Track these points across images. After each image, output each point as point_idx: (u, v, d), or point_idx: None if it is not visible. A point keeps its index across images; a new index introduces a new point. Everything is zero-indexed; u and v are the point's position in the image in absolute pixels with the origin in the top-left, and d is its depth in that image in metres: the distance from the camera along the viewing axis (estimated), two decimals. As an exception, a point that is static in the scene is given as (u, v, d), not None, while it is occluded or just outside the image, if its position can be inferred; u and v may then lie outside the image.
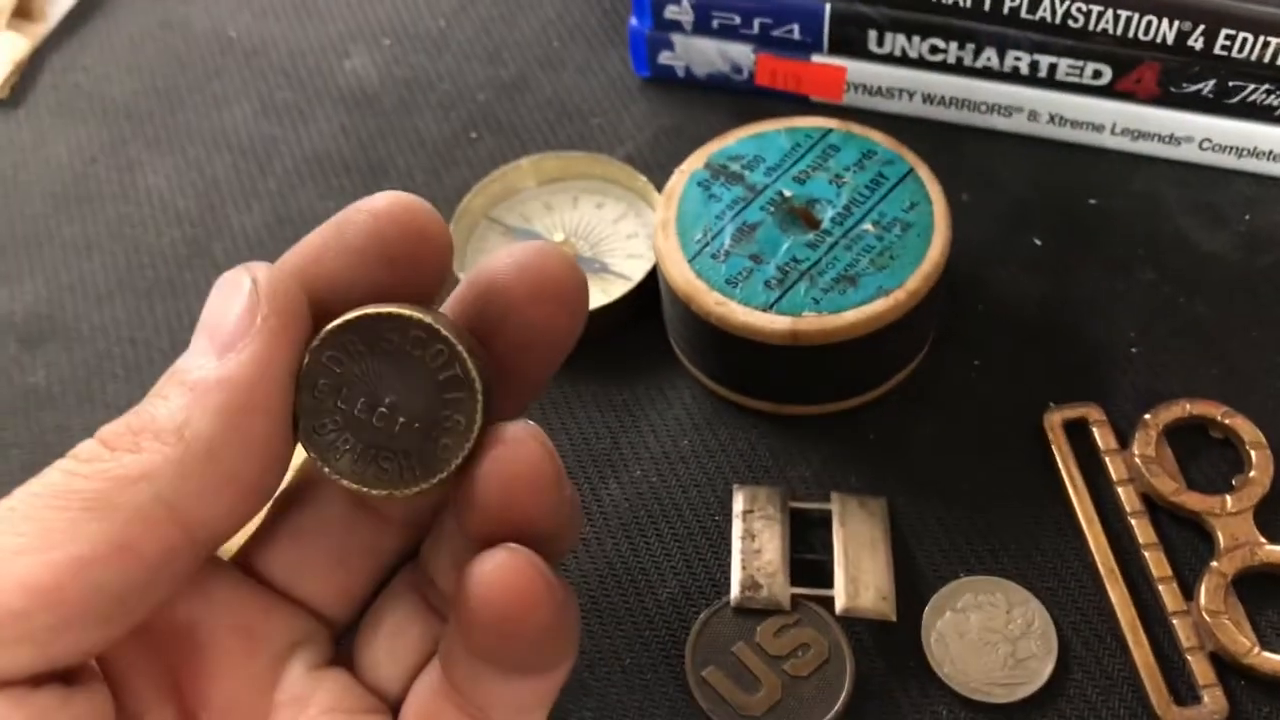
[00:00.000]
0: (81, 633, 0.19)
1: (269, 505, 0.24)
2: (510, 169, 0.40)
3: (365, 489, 0.21)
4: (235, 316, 0.20)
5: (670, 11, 0.41)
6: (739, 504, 0.32)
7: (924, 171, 0.34)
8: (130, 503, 0.19)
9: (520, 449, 0.20)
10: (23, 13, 0.49)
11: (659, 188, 0.38)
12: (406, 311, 0.20)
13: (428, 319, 0.20)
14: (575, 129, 0.43)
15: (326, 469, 0.21)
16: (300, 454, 0.24)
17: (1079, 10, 0.36)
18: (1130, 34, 0.36)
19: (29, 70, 0.48)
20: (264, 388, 0.20)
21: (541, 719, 0.23)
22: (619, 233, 0.39)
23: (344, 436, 0.21)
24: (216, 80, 0.46)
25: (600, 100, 0.44)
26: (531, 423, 0.21)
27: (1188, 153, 0.39)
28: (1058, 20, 0.36)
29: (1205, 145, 0.38)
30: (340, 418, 0.21)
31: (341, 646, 0.25)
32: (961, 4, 0.37)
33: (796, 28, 0.40)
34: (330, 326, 0.20)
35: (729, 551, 0.32)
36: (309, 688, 0.23)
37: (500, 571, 0.20)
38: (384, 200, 0.21)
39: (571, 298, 0.22)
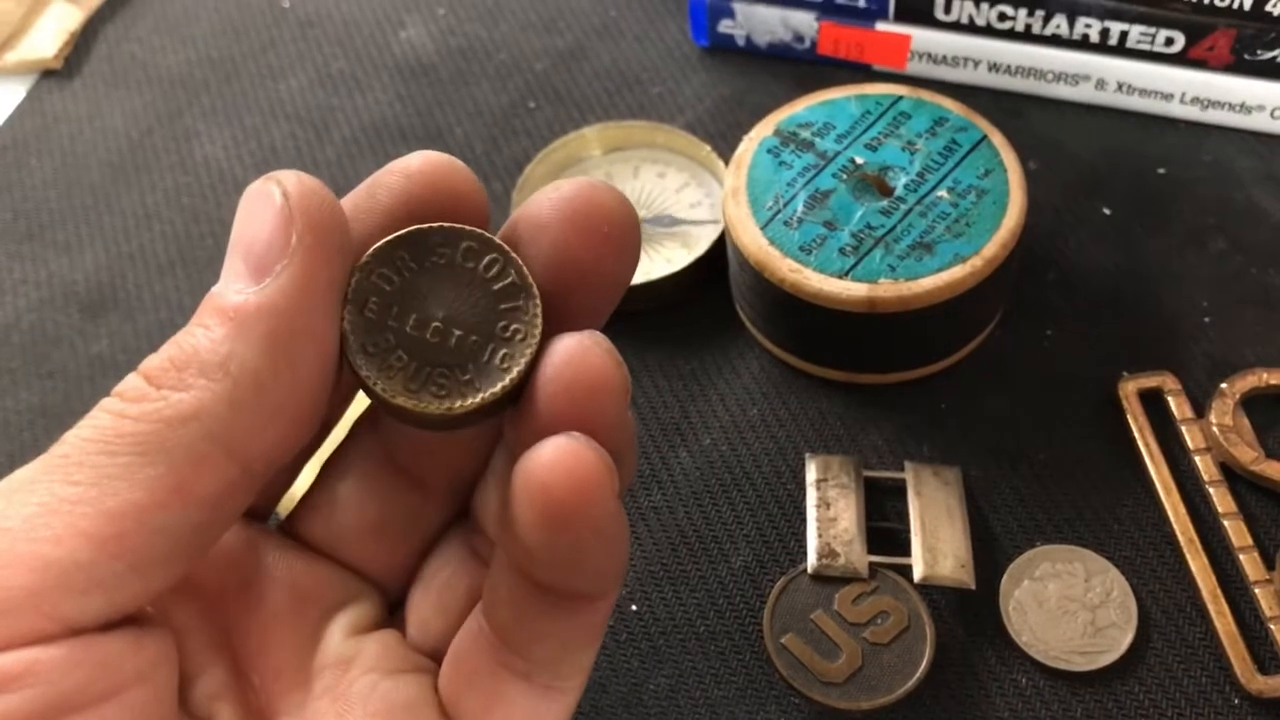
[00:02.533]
0: (148, 577, 0.19)
1: (314, 474, 0.24)
2: (573, 138, 0.39)
3: (420, 407, 0.20)
4: (268, 234, 0.19)
5: (733, -21, 0.41)
6: (812, 473, 0.32)
7: (998, 139, 0.34)
8: (183, 444, 0.18)
9: (586, 355, 0.19)
10: (75, -17, 0.49)
11: (721, 157, 0.38)
12: (457, 224, 0.20)
13: (479, 231, 0.20)
14: (634, 98, 0.43)
15: (379, 388, 0.20)
16: (348, 417, 0.24)
17: (1155, -25, 0.36)
18: (1206, 0, 0.36)
19: (83, 41, 0.47)
20: (308, 312, 0.19)
21: (584, 666, 0.22)
22: (682, 202, 0.39)
23: (397, 355, 0.20)
24: (271, 50, 0.46)
25: (659, 69, 0.43)
26: (598, 332, 0.20)
27: (1259, 121, 0.38)
28: (1132, -14, 0.36)
29: (1277, 114, 0.38)
30: (393, 336, 0.20)
31: (399, 613, 0.24)
32: (1033, -31, 0.37)
33: (862, -5, 0.39)
34: (379, 244, 0.20)
35: (802, 520, 0.32)
36: (353, 649, 0.23)
37: (562, 454, 0.18)
38: (417, 160, 0.21)
39: (621, 232, 0.21)
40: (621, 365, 0.20)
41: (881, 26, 0.40)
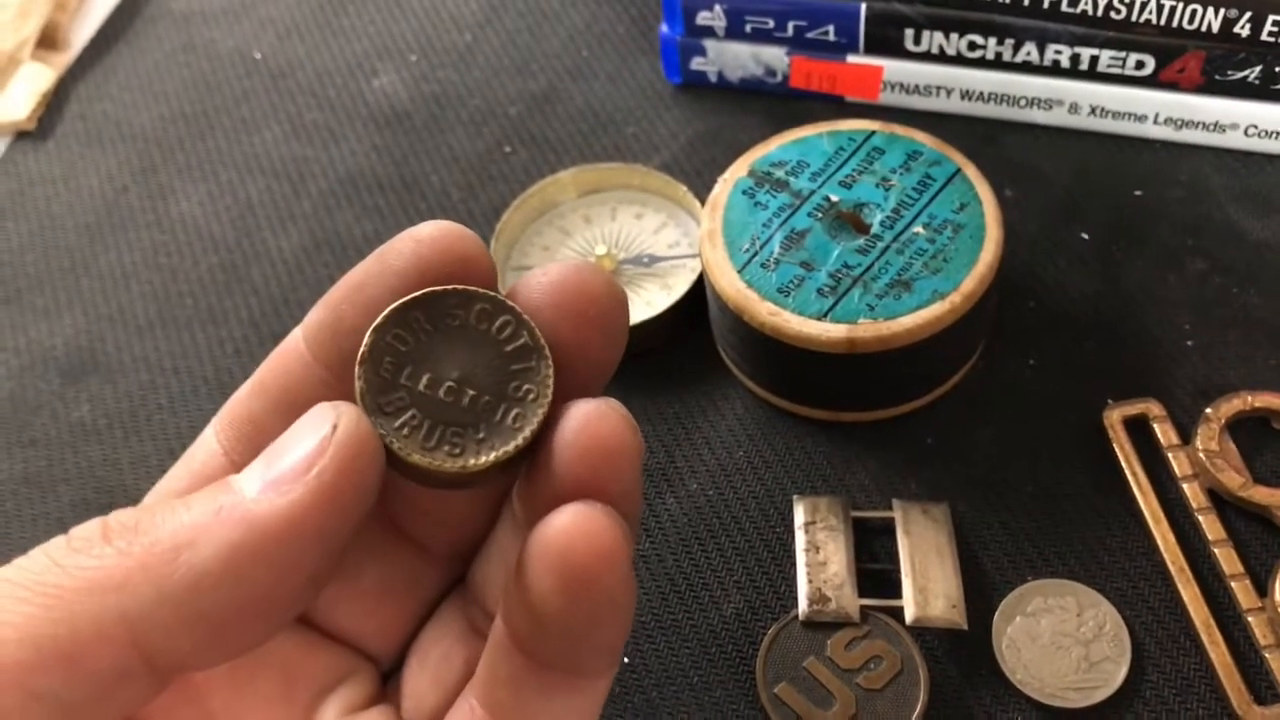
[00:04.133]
0: None
1: None
2: (549, 182, 0.39)
3: (435, 465, 0.20)
4: (301, 452, 0.19)
5: (702, 18, 0.41)
6: (800, 515, 0.32)
7: (972, 171, 0.34)
8: (91, 613, 0.18)
9: (602, 420, 0.20)
10: (46, 43, 0.49)
11: (697, 195, 0.38)
12: (471, 287, 0.21)
13: (492, 292, 0.21)
14: (609, 139, 0.43)
15: (395, 446, 0.20)
16: None
17: (1122, 2, 0.35)
18: (1175, 23, 0.36)
19: (55, 101, 0.47)
20: (288, 542, 0.18)
21: None
22: (660, 243, 0.39)
23: (411, 414, 0.20)
24: (244, 103, 0.46)
25: (633, 109, 0.43)
26: (612, 398, 0.20)
27: (1233, 140, 0.38)
28: (1100, 13, 0.36)
29: (1250, 131, 0.38)
30: (407, 395, 0.20)
31: (394, 681, 0.24)
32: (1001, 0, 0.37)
33: (832, 29, 0.39)
34: (395, 305, 0.20)
35: (792, 564, 0.32)
36: None
37: (580, 519, 0.19)
38: (428, 228, 0.21)
39: (607, 317, 0.21)
40: (636, 431, 0.20)
41: (852, 59, 0.40)
